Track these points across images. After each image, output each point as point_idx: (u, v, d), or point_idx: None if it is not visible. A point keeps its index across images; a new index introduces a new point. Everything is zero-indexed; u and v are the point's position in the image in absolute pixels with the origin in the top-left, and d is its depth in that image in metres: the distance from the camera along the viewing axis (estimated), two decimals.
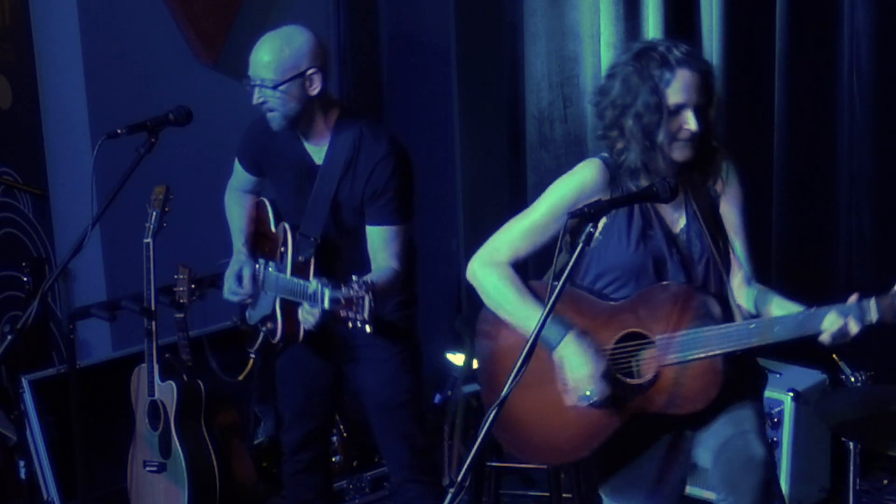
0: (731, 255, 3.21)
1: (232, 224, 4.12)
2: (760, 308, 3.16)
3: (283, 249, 3.87)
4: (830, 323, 2.96)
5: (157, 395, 4.32)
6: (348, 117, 3.84)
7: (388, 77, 6.12)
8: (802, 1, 4.72)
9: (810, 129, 4.81)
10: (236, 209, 4.11)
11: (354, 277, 3.38)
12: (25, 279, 5.07)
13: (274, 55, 3.70)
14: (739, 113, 4.91)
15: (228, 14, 5.60)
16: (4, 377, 4.73)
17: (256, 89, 3.72)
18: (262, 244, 4.04)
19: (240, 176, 4.09)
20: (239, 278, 3.96)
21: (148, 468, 4.41)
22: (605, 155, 3.19)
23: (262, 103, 3.74)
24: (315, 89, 3.72)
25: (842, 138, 4.74)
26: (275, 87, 3.69)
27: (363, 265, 3.77)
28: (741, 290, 3.21)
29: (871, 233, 4.71)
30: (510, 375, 3.13)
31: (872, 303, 2.96)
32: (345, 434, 5.08)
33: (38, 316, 3.52)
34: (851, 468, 3.99)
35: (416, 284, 4.00)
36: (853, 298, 2.99)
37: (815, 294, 3.13)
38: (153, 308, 4.26)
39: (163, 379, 4.31)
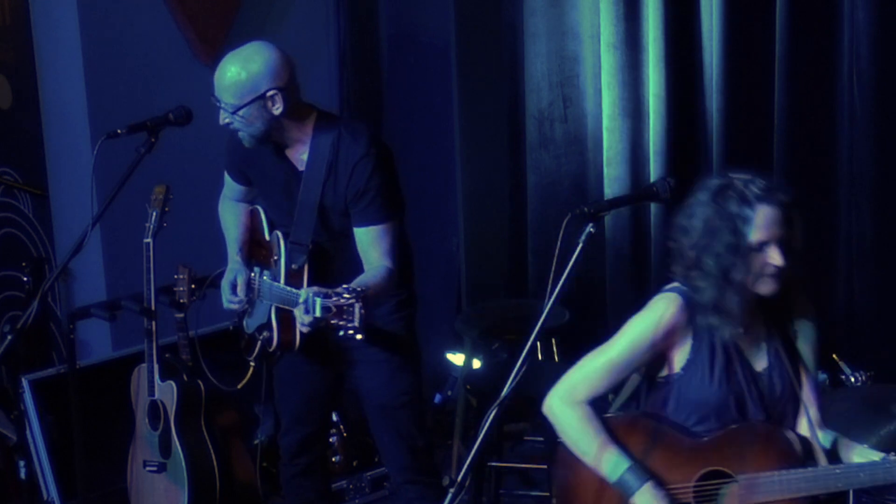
0: (808, 394, 3.18)
1: (227, 234, 4.10)
2: (839, 450, 3.13)
3: (276, 258, 3.87)
4: None
5: (157, 395, 4.32)
6: (326, 121, 3.80)
7: (388, 77, 6.12)
8: (802, 1, 4.71)
9: (810, 129, 4.80)
10: (230, 218, 4.10)
11: (345, 285, 3.36)
12: (25, 279, 5.07)
13: (232, 79, 3.64)
14: (740, 113, 4.90)
15: (228, 14, 5.60)
16: (4, 377, 4.72)
17: (221, 110, 3.70)
18: (256, 252, 4.04)
19: (230, 186, 4.08)
20: (234, 287, 3.96)
21: (148, 468, 4.41)
22: (683, 288, 3.14)
23: (228, 124, 3.71)
24: (277, 109, 3.67)
25: (842, 138, 4.73)
26: (234, 112, 3.66)
27: (357, 267, 3.75)
28: (816, 431, 3.16)
29: (871, 233, 4.70)
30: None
31: None
32: (345, 434, 5.08)
33: (38, 316, 3.53)
34: None
35: (414, 283, 3.99)
36: None
37: (814, 294, 3.10)
38: (153, 308, 4.26)
39: (163, 379, 4.31)
